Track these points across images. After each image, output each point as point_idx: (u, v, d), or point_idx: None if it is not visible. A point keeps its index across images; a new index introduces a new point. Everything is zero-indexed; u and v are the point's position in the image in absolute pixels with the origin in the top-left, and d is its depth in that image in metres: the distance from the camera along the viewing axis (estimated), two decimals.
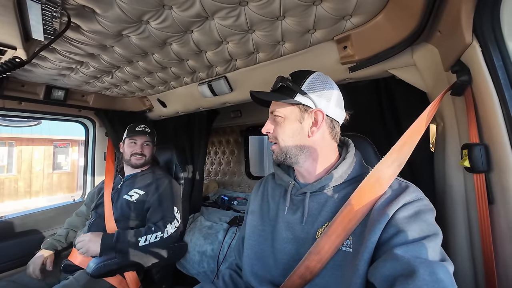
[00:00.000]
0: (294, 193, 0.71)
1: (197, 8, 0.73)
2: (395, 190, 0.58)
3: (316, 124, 0.67)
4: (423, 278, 0.41)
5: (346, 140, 0.75)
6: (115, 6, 0.71)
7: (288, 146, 0.68)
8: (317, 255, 0.59)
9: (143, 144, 1.47)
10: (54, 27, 0.74)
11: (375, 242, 0.52)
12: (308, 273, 0.60)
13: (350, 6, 0.73)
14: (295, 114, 0.68)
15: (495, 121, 0.56)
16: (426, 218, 0.52)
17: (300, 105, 0.67)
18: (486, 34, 0.54)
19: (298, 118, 0.68)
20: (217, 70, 1.25)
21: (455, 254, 0.75)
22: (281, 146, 0.70)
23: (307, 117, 0.68)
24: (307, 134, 0.68)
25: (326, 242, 0.58)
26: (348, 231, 0.58)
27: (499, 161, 0.57)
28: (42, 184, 9.81)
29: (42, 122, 2.01)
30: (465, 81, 0.63)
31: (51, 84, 1.42)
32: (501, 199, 0.57)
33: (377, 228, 0.52)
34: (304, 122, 0.68)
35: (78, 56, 1.03)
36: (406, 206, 0.54)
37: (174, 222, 1.33)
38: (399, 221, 0.52)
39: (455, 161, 0.78)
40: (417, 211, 0.53)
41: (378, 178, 0.59)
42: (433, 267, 0.43)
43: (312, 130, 0.67)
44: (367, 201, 0.57)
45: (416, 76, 0.89)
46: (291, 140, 0.68)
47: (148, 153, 1.49)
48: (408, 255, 0.46)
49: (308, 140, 0.68)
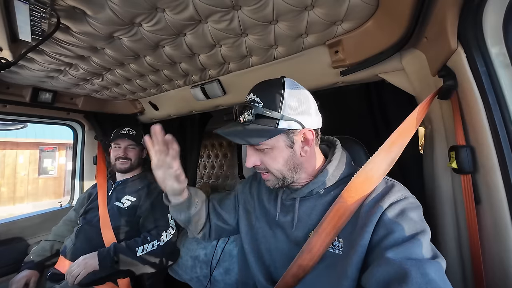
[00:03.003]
0: (285, 198, 0.72)
1: (190, 12, 0.73)
2: (382, 190, 0.59)
3: (308, 143, 0.64)
4: (415, 281, 0.42)
5: (334, 141, 0.75)
6: (106, 8, 0.70)
7: (283, 173, 0.65)
8: (309, 253, 0.60)
9: (126, 148, 1.43)
10: (42, 28, 0.72)
11: (366, 245, 0.53)
12: (301, 271, 0.60)
13: (341, 12, 0.74)
14: (284, 141, 0.62)
15: (480, 124, 0.58)
16: (413, 216, 0.53)
17: (287, 130, 0.61)
18: (470, 40, 0.56)
19: (288, 144, 0.63)
20: (210, 73, 1.25)
21: (444, 253, 0.77)
22: (276, 175, 0.66)
23: (296, 139, 0.63)
24: (299, 155, 0.65)
25: (317, 240, 0.59)
26: (338, 229, 0.58)
27: (484, 162, 0.59)
28: (27, 189, 9.44)
29: (28, 125, 1.94)
30: (451, 86, 0.66)
31: (38, 86, 1.38)
32: (487, 199, 0.60)
33: (367, 232, 0.53)
34: (295, 146, 0.63)
35: (67, 58, 1.01)
36: (392, 206, 0.55)
37: (169, 230, 1.29)
38: (387, 222, 0.53)
39: (443, 163, 0.80)
40: (403, 210, 0.54)
41: (367, 176, 0.60)
42: (425, 268, 0.44)
43: (305, 150, 0.65)
44: (356, 199, 0.58)
45: (405, 81, 0.92)
46: (285, 167, 0.64)
47: (134, 156, 1.43)
48: (399, 257, 0.46)
49: (301, 159, 0.66)
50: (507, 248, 0.54)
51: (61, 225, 1.46)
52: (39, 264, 1.27)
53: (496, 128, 0.54)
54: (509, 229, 0.53)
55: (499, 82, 0.54)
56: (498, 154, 0.55)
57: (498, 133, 0.54)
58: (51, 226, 1.46)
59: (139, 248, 1.17)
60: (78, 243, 1.24)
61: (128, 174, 1.46)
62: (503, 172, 0.54)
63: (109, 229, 1.26)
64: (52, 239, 1.38)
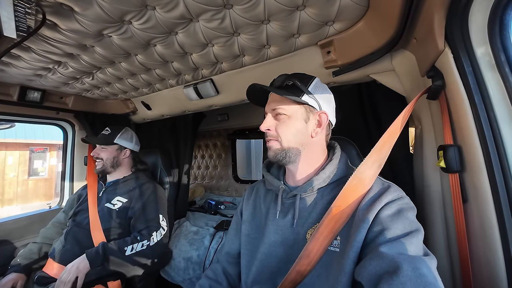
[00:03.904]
0: (285, 197, 0.72)
1: (181, 10, 0.73)
2: (378, 190, 0.60)
3: (320, 125, 0.70)
4: (406, 274, 0.43)
5: (333, 143, 0.77)
6: (94, 5, 0.69)
7: (290, 145, 0.68)
8: (307, 258, 0.59)
9: (98, 148, 1.41)
10: (28, 24, 0.71)
11: (361, 241, 0.54)
12: (299, 276, 0.60)
13: (333, 12, 0.75)
14: (301, 113, 0.68)
15: (467, 124, 0.59)
16: (408, 216, 0.54)
17: (307, 105, 0.68)
18: (456, 41, 0.57)
19: (304, 118, 0.68)
20: (203, 73, 1.24)
21: (433, 251, 0.77)
22: (282, 144, 0.69)
23: (312, 117, 0.69)
24: (310, 134, 0.69)
25: (314, 244, 0.59)
26: (335, 232, 0.59)
27: (471, 161, 0.60)
28: (16, 191, 9.19)
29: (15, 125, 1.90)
30: (439, 86, 0.67)
31: (26, 85, 1.35)
32: (474, 198, 0.60)
33: (363, 228, 0.54)
34: (309, 122, 0.69)
35: (55, 55, 0.99)
36: (389, 205, 0.56)
37: (160, 230, 1.28)
38: (383, 220, 0.54)
39: (432, 162, 0.81)
40: (399, 209, 0.55)
41: (360, 179, 0.61)
42: (416, 263, 0.45)
43: (316, 131, 0.70)
44: (351, 202, 0.59)
45: (395, 81, 0.93)
46: (294, 139, 0.68)
47: (105, 156, 1.39)
48: (392, 252, 0.48)
49: (310, 140, 0.70)
50: (493, 246, 0.55)
51: (49, 227, 1.42)
52: (26, 267, 1.23)
53: (482, 127, 0.55)
54: (495, 227, 0.54)
55: (485, 82, 0.55)
56: (484, 153, 0.56)
57: (484, 133, 0.55)
58: (39, 228, 1.42)
59: (128, 248, 1.15)
60: (67, 245, 1.21)
61: (118, 174, 1.43)
62: (488, 171, 0.55)
63: (99, 231, 1.23)
64: (40, 241, 1.35)
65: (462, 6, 0.53)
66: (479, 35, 0.54)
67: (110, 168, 1.41)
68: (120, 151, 1.44)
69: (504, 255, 0.53)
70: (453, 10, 0.54)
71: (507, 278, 0.52)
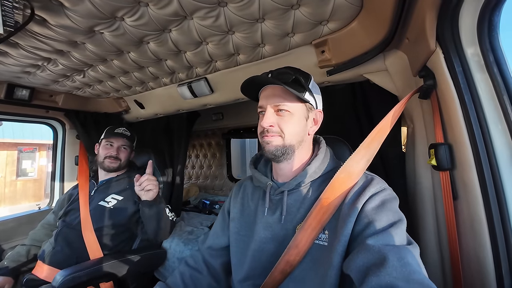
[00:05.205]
0: (273, 193, 0.72)
1: (174, 6, 0.72)
2: (363, 183, 0.62)
3: (316, 123, 0.72)
4: (392, 263, 0.45)
5: (318, 138, 0.78)
6: (85, 0, 0.67)
7: (291, 142, 0.68)
8: (296, 248, 0.61)
9: (119, 148, 1.39)
10: (15, 19, 0.68)
11: (348, 235, 0.55)
12: (288, 267, 0.61)
13: (327, 11, 0.75)
14: (303, 111, 0.69)
15: (457, 122, 0.60)
16: (392, 207, 0.56)
17: (308, 103, 0.69)
18: (447, 41, 0.58)
19: (305, 116, 0.69)
20: (197, 71, 1.23)
21: (424, 247, 0.80)
22: (285, 141, 0.67)
23: (311, 115, 0.71)
24: (307, 132, 0.71)
25: (303, 235, 0.61)
26: (323, 223, 0.60)
27: (461, 159, 0.61)
28: (4, 192, 8.93)
29: (3, 123, 1.84)
30: (431, 85, 0.68)
31: (14, 82, 1.31)
32: (464, 195, 0.62)
33: (349, 222, 0.55)
34: (308, 121, 0.70)
35: (44, 52, 0.96)
36: (373, 198, 0.57)
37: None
38: (368, 213, 0.55)
39: (424, 160, 0.83)
40: (383, 201, 0.57)
41: (348, 172, 0.62)
42: (401, 253, 0.47)
43: (312, 130, 0.71)
44: (339, 194, 0.60)
45: (388, 81, 0.95)
46: (296, 136, 0.68)
47: (124, 157, 1.40)
48: (379, 244, 0.49)
49: (306, 137, 0.71)
50: (482, 240, 0.56)
51: (38, 229, 1.38)
52: (14, 270, 1.20)
53: (472, 126, 0.57)
54: (484, 224, 0.56)
55: (474, 82, 0.56)
56: (473, 152, 0.57)
57: (474, 131, 0.56)
58: (27, 230, 1.39)
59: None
60: (58, 247, 1.19)
61: (113, 173, 1.41)
62: (478, 169, 0.56)
63: (90, 231, 1.21)
64: (28, 243, 1.31)
65: (452, 7, 0.54)
66: (469, 36, 0.55)
67: (123, 168, 1.42)
68: (131, 152, 1.47)
69: (492, 249, 0.54)
70: (444, 11, 0.56)
71: (495, 271, 0.54)
